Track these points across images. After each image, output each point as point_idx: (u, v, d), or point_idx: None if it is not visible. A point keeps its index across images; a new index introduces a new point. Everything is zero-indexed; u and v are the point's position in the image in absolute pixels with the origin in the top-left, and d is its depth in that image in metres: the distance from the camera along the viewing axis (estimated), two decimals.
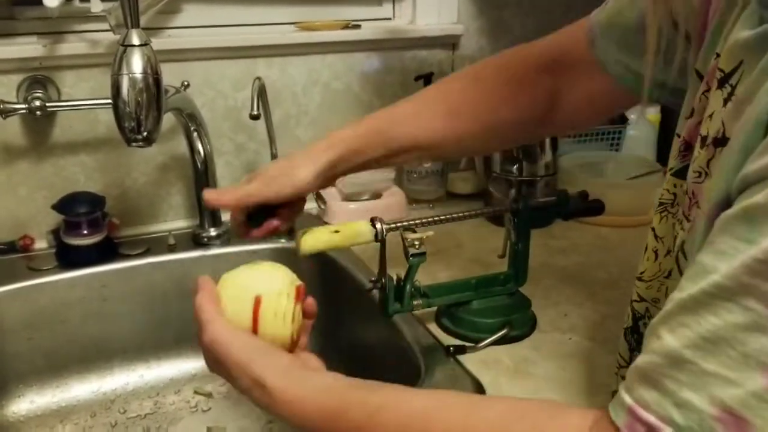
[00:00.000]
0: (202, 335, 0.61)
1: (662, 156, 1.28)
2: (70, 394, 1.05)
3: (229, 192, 0.75)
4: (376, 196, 1.19)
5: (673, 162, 0.56)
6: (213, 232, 1.13)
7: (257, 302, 0.62)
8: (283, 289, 0.64)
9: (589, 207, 0.86)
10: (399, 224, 0.77)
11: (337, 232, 0.76)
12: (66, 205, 1.03)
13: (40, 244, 1.10)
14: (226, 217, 1.16)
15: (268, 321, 0.63)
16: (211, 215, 1.13)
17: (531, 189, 1.12)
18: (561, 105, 0.74)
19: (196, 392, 1.07)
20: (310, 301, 0.66)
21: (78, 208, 1.03)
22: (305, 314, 0.66)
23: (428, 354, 0.81)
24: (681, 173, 0.54)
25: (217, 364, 0.61)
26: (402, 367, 0.82)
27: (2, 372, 1.01)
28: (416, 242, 0.76)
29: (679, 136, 0.56)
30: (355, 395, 0.54)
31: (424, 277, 0.82)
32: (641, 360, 0.41)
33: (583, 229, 1.10)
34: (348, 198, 1.18)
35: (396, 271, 0.80)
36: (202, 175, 1.10)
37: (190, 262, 1.10)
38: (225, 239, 1.12)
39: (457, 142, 0.76)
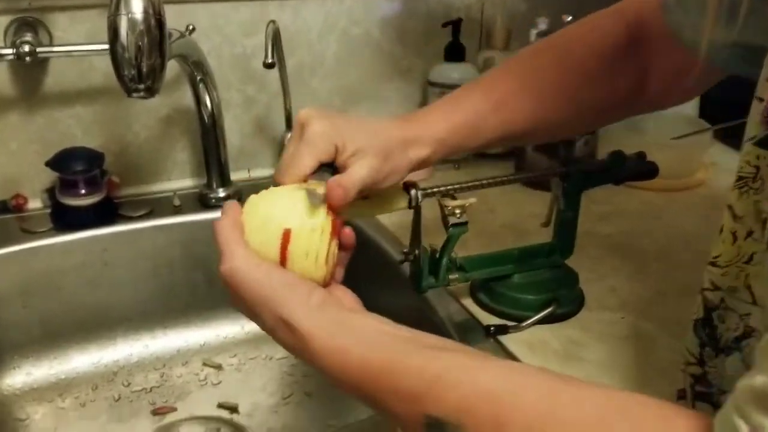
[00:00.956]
0: (220, 264, 0.52)
1: (704, 114, 1.18)
2: (69, 365, 0.97)
3: (347, 178, 0.58)
4: None
5: (755, 130, 0.47)
6: (221, 192, 1.04)
7: (285, 237, 0.53)
8: (317, 223, 0.53)
9: (645, 170, 0.77)
10: (436, 189, 0.68)
11: (366, 198, 0.66)
12: (61, 161, 0.94)
13: (34, 203, 1.01)
14: (235, 176, 1.07)
15: (297, 260, 0.53)
16: (220, 174, 1.03)
17: (569, 149, 1.03)
18: (649, 82, 0.69)
19: (205, 364, 1.00)
20: (348, 232, 0.57)
21: (74, 165, 0.93)
22: (342, 247, 0.57)
23: (465, 333, 0.73)
24: (765, 143, 0.46)
25: (237, 298, 0.52)
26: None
27: None
28: (457, 210, 0.67)
29: (761, 100, 0.46)
30: (413, 359, 0.45)
31: (439, 240, 0.73)
32: (760, 381, 0.32)
33: (626, 193, 1.01)
34: None
35: (426, 242, 0.71)
36: (210, 130, 1.00)
37: (197, 225, 1.01)
38: (234, 200, 1.03)
39: (548, 128, 0.70)
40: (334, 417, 0.91)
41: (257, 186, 0.61)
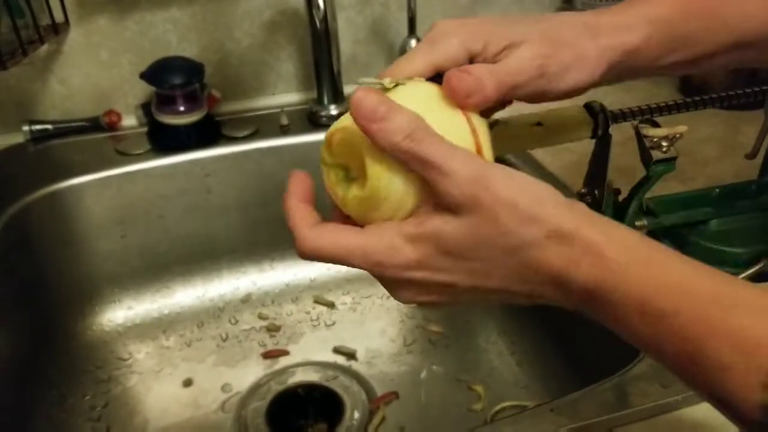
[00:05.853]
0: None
1: None
2: (172, 299, 0.89)
3: (487, 67, 0.39)
4: None
5: None
6: (334, 110, 0.90)
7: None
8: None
9: None
10: (629, 110, 0.53)
11: (539, 125, 0.51)
12: (157, 73, 0.82)
13: (128, 120, 0.91)
14: (349, 90, 0.93)
15: None
16: (332, 88, 0.90)
17: None
18: None
19: (316, 302, 0.90)
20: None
21: (172, 78, 0.81)
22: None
23: None
24: None
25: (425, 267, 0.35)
26: None
27: (95, 273, 0.85)
28: (664, 143, 0.51)
29: None
30: (744, 289, 0.31)
31: (623, 179, 0.58)
32: None
33: None
34: None
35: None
36: (321, 36, 0.86)
37: (308, 146, 0.89)
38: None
39: None
40: (465, 371, 0.79)
41: None
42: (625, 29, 0.41)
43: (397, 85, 0.38)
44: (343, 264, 0.36)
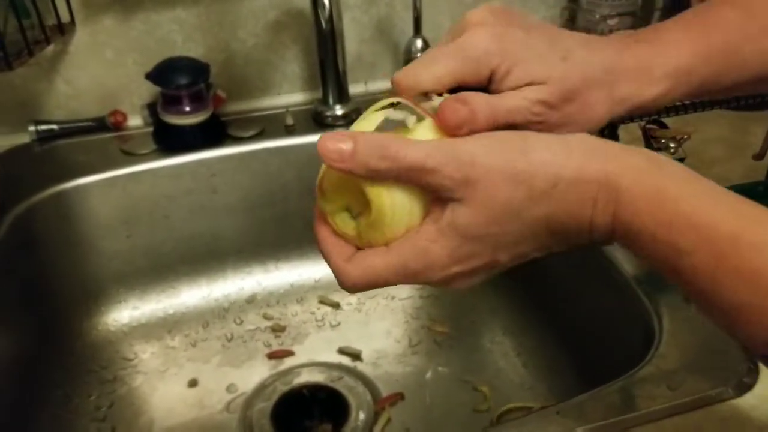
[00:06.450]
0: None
1: None
2: (177, 299, 0.89)
3: (486, 99, 0.38)
4: None
5: None
6: (339, 110, 0.90)
7: None
8: None
9: None
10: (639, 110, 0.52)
11: None
12: (162, 73, 0.82)
13: (134, 121, 0.91)
14: (354, 90, 0.93)
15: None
16: (337, 88, 0.89)
17: None
18: None
19: (321, 302, 0.90)
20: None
21: (177, 78, 0.81)
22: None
23: (657, 295, 0.59)
24: None
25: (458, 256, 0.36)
26: (622, 310, 0.61)
27: (100, 273, 0.85)
28: (672, 144, 0.51)
29: None
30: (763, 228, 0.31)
31: None
32: None
33: None
34: None
35: None
36: (327, 36, 0.85)
37: (313, 146, 0.88)
38: (353, 119, 0.90)
39: None
40: (471, 372, 0.79)
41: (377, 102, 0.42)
42: (647, 82, 0.41)
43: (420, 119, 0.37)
44: (385, 285, 0.37)
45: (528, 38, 0.39)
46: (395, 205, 0.35)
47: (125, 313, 0.87)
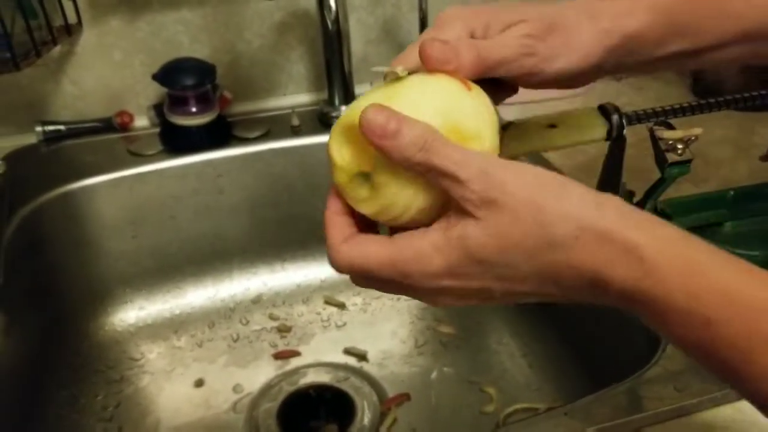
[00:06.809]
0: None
1: None
2: (183, 300, 0.89)
3: (472, 42, 0.38)
4: None
5: None
6: (344, 110, 0.90)
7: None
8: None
9: None
10: (647, 113, 0.52)
11: (553, 126, 0.51)
12: (169, 74, 0.82)
13: (141, 121, 0.91)
14: (360, 90, 0.93)
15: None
16: (343, 89, 0.90)
17: None
18: None
19: (327, 302, 0.90)
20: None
21: (184, 79, 0.82)
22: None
23: None
24: None
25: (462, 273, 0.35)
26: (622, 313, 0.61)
27: (107, 274, 0.86)
28: (679, 145, 0.51)
29: None
30: None
31: (636, 182, 0.58)
32: None
33: None
34: None
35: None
36: (333, 37, 0.86)
37: (318, 147, 0.89)
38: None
39: None
40: (477, 372, 0.79)
41: None
42: (627, 14, 0.41)
43: (409, 74, 0.38)
44: (372, 280, 0.36)
45: (502, 4, 0.40)
46: (398, 195, 0.35)
47: (132, 313, 0.87)
